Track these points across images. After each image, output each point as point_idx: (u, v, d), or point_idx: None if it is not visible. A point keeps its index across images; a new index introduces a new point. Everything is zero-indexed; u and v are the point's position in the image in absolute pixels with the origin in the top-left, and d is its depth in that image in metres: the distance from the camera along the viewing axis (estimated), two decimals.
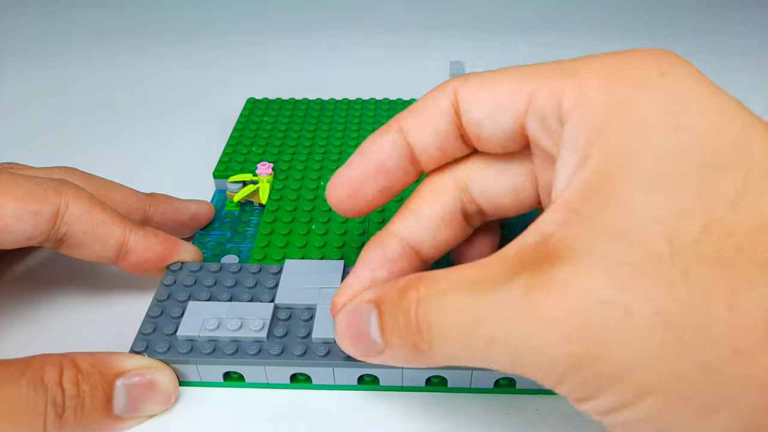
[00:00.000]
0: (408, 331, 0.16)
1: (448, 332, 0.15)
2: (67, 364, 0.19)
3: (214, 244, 0.28)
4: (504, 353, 0.14)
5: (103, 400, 0.20)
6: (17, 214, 0.21)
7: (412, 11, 0.63)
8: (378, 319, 0.17)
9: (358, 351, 0.18)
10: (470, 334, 0.15)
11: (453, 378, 0.22)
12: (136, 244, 0.24)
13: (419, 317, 0.16)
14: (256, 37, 0.56)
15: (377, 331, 0.17)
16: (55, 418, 0.18)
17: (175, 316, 0.23)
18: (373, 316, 0.17)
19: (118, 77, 0.48)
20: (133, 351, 0.21)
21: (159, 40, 0.55)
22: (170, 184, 0.32)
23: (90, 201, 0.23)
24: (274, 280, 0.24)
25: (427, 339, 0.16)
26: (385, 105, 0.38)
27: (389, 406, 0.22)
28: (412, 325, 0.16)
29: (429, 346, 0.16)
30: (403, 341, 0.17)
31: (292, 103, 0.38)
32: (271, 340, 0.22)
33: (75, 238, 0.23)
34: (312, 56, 0.52)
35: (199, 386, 0.22)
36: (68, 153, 0.35)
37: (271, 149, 0.34)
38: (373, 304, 0.18)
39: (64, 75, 0.48)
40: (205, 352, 0.21)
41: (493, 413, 0.22)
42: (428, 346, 0.16)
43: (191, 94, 0.46)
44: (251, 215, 0.30)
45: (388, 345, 0.17)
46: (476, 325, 0.15)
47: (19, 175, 0.22)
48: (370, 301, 0.18)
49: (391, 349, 0.17)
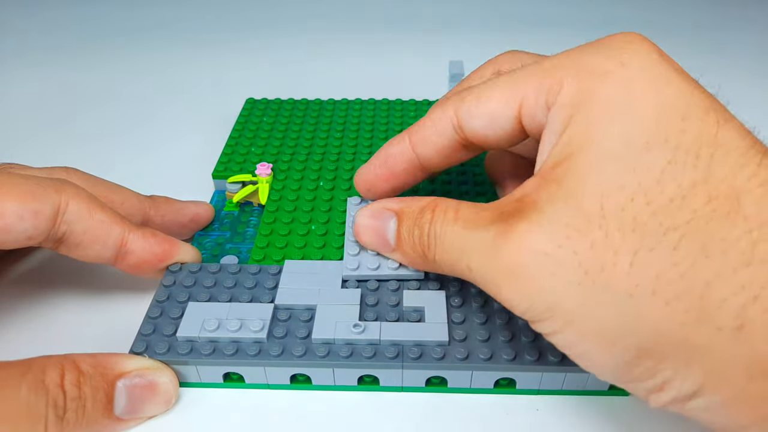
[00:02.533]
0: (419, 242, 0.21)
1: (446, 251, 0.20)
2: (68, 365, 0.19)
3: (213, 245, 0.29)
4: (478, 279, 0.19)
5: (104, 402, 0.20)
6: (18, 214, 0.21)
7: (411, 11, 0.63)
8: (396, 225, 0.22)
9: (371, 243, 0.23)
10: (458, 259, 0.19)
11: (453, 378, 0.22)
12: (135, 244, 0.24)
13: (429, 234, 0.20)
14: (255, 37, 0.56)
15: (393, 234, 0.22)
16: (56, 421, 0.18)
17: (174, 317, 0.23)
18: (392, 222, 0.22)
19: (116, 77, 0.48)
20: (133, 352, 0.21)
21: (158, 41, 0.55)
22: (169, 184, 0.32)
23: (90, 200, 0.23)
24: (274, 280, 0.24)
25: (433, 251, 0.20)
26: (384, 105, 0.38)
27: (389, 406, 0.22)
28: (423, 238, 0.21)
29: (434, 256, 0.20)
30: (413, 249, 0.21)
31: (292, 103, 0.38)
32: (270, 341, 0.22)
33: (74, 238, 0.23)
34: (311, 56, 0.52)
35: (198, 387, 0.22)
36: (67, 153, 0.35)
37: (270, 149, 0.34)
38: (394, 213, 0.22)
39: (63, 75, 0.48)
40: (204, 353, 0.21)
41: (493, 413, 0.22)
42: (433, 256, 0.20)
43: (190, 94, 0.46)
44: (250, 216, 0.30)
45: (399, 248, 0.22)
46: (461, 253, 0.19)
47: (19, 175, 0.22)
48: (393, 210, 0.22)
49: (401, 252, 0.22)
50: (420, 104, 0.38)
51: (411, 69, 0.49)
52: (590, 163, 0.17)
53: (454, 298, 0.23)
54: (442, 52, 0.51)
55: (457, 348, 0.21)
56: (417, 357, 0.21)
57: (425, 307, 0.23)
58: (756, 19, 0.60)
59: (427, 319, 0.22)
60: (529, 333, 0.22)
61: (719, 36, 0.55)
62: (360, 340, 0.22)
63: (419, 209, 0.21)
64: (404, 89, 0.43)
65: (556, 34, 0.56)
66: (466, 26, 0.59)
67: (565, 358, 0.21)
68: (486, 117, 0.21)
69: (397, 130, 0.35)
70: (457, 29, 0.58)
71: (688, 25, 0.58)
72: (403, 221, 0.22)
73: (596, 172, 0.17)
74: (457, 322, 0.22)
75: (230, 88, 0.46)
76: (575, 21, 0.59)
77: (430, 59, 0.50)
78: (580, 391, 0.22)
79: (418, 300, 0.23)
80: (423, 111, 0.37)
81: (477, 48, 0.53)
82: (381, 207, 0.23)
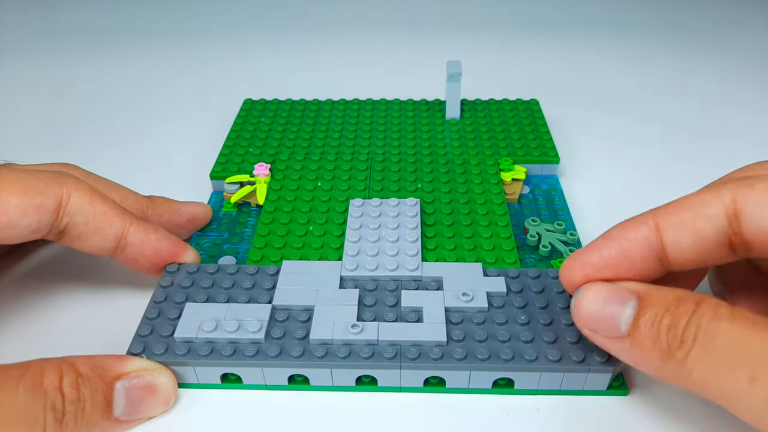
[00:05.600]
0: (669, 335, 0.17)
1: (710, 353, 0.16)
2: (67, 368, 0.19)
3: (211, 246, 0.28)
4: (762, 396, 0.15)
5: (103, 404, 0.20)
6: (21, 209, 0.21)
7: (410, 12, 0.63)
8: (635, 309, 0.18)
9: (592, 327, 0.19)
10: (733, 365, 0.15)
11: (451, 378, 0.22)
12: (135, 237, 0.24)
13: (688, 327, 0.16)
14: (252, 37, 0.56)
15: (628, 320, 0.18)
16: (55, 423, 0.18)
17: (172, 318, 0.23)
18: (631, 305, 0.18)
19: (114, 78, 0.48)
20: (130, 353, 0.21)
21: (155, 42, 0.55)
22: (167, 184, 0.32)
23: (91, 192, 0.23)
24: (272, 281, 0.24)
25: (686, 349, 0.16)
26: (383, 105, 0.38)
27: (387, 407, 0.22)
28: (677, 330, 0.17)
29: (685, 356, 0.16)
30: (654, 343, 0.17)
31: (289, 103, 0.38)
32: (268, 342, 0.22)
33: (76, 230, 0.23)
34: (309, 57, 0.52)
35: (196, 388, 0.22)
36: (66, 154, 0.35)
37: (268, 150, 0.34)
38: (635, 295, 0.18)
39: (62, 76, 0.48)
40: (202, 353, 0.21)
41: (492, 413, 0.22)
42: (684, 356, 0.16)
43: (188, 94, 0.46)
44: (248, 216, 0.30)
45: (633, 338, 0.18)
46: (743, 359, 0.15)
47: (20, 170, 0.23)
48: (633, 292, 0.18)
49: (633, 341, 0.18)
50: (418, 104, 0.38)
51: (409, 69, 0.49)
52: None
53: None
54: (442, 52, 0.51)
55: (455, 348, 0.21)
56: (415, 357, 0.21)
57: (423, 308, 0.23)
58: (756, 19, 0.60)
59: (425, 319, 0.22)
60: (526, 333, 0.22)
61: (719, 37, 0.55)
62: (358, 341, 0.22)
63: (675, 297, 0.17)
64: (403, 89, 0.43)
65: (556, 34, 0.56)
66: (465, 26, 0.59)
67: (563, 358, 0.21)
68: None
69: (395, 130, 0.35)
70: (456, 29, 0.58)
71: (689, 26, 0.58)
72: (647, 306, 0.18)
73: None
74: (455, 323, 0.22)
75: (228, 89, 0.46)
76: (575, 21, 0.59)
77: (429, 59, 0.50)
78: (579, 391, 0.22)
79: (416, 300, 0.23)
80: (421, 110, 0.37)
81: (477, 48, 0.53)
82: (616, 286, 0.19)
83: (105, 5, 0.63)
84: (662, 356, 0.17)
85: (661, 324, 0.17)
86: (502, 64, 0.50)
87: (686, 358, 0.16)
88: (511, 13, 0.61)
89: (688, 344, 0.16)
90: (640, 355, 0.18)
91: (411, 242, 0.26)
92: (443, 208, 0.29)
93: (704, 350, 0.16)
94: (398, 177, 0.31)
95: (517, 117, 0.37)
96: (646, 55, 0.51)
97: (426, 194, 0.30)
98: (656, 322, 0.17)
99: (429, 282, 0.24)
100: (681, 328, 0.17)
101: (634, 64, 0.50)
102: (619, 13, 0.61)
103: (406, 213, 0.28)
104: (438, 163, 0.32)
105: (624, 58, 0.51)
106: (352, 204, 0.28)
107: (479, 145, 0.34)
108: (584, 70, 0.49)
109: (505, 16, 0.61)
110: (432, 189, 0.30)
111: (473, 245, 0.27)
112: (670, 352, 0.17)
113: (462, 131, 0.36)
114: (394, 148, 0.34)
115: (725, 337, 0.16)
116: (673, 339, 0.17)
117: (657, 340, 0.17)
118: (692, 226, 0.18)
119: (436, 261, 0.26)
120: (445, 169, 0.32)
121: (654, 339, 0.17)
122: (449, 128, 0.36)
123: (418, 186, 0.30)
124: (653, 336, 0.17)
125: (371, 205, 0.28)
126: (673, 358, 0.17)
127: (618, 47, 0.53)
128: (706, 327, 0.16)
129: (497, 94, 0.41)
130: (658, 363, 0.17)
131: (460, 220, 0.28)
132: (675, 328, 0.17)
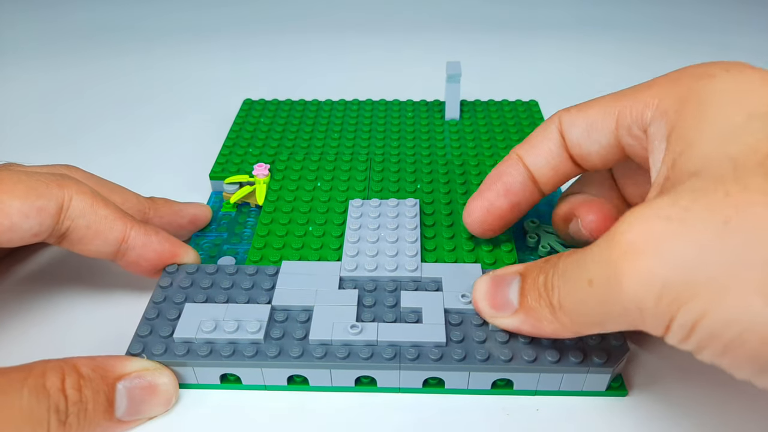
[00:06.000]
0: (545, 287, 0.19)
1: (567, 281, 0.18)
2: (69, 369, 0.19)
3: (210, 246, 0.28)
4: (599, 295, 0.17)
5: (105, 404, 0.20)
6: (23, 212, 0.21)
7: (410, 12, 0.63)
8: (520, 283, 0.20)
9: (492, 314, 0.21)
10: (578, 278, 0.17)
11: (450, 379, 0.22)
12: (136, 240, 0.24)
13: (553, 274, 0.19)
14: (252, 37, 0.56)
15: (516, 295, 0.20)
16: (59, 425, 0.18)
17: (171, 318, 0.23)
18: (516, 281, 0.21)
19: (113, 79, 0.48)
20: (130, 353, 0.21)
21: (155, 42, 0.55)
22: (167, 185, 0.32)
23: (93, 196, 0.23)
24: (271, 281, 0.24)
25: (557, 292, 0.18)
26: (382, 106, 0.38)
27: (386, 407, 0.22)
28: (548, 281, 0.19)
29: (558, 299, 0.18)
30: (539, 301, 0.19)
31: (289, 104, 0.38)
32: (268, 342, 0.22)
33: (77, 233, 0.23)
34: (308, 57, 0.52)
35: (196, 388, 0.22)
36: (67, 154, 0.35)
37: (267, 150, 0.34)
38: (517, 273, 0.21)
39: (62, 76, 0.48)
40: (201, 354, 0.21)
41: (491, 414, 0.22)
42: (558, 300, 0.18)
43: (187, 95, 0.46)
44: (248, 216, 0.30)
45: (525, 307, 0.20)
46: (581, 272, 0.17)
47: (21, 172, 0.22)
48: (515, 272, 0.21)
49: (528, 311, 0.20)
50: (417, 105, 0.38)
51: (409, 69, 0.49)
52: (716, 138, 0.16)
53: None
54: (441, 53, 0.51)
55: (455, 349, 0.21)
56: (414, 358, 0.21)
57: (422, 308, 0.23)
58: (756, 19, 0.60)
59: (424, 320, 0.22)
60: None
61: (719, 37, 0.55)
62: (357, 341, 0.22)
63: (544, 260, 0.20)
64: (401, 90, 0.43)
65: (556, 35, 0.56)
66: (465, 27, 0.59)
67: (562, 359, 0.21)
68: (584, 126, 0.21)
69: (394, 131, 0.35)
70: (455, 30, 0.58)
71: (689, 26, 0.58)
72: (527, 275, 0.20)
73: (723, 144, 0.16)
74: (454, 323, 0.22)
75: (227, 89, 0.46)
76: (575, 22, 0.59)
77: (429, 60, 0.50)
78: (578, 392, 0.22)
79: (415, 301, 0.23)
80: (420, 111, 0.38)
81: (477, 49, 0.53)
82: (503, 270, 0.22)
83: (105, 6, 0.63)
84: (550, 309, 0.19)
85: (538, 281, 0.19)
86: (502, 65, 0.50)
87: (559, 301, 0.18)
88: (511, 14, 0.61)
89: (557, 288, 0.18)
90: (536, 318, 0.20)
91: (410, 243, 0.26)
92: (442, 209, 0.29)
93: (564, 282, 0.18)
94: (397, 177, 0.31)
95: (517, 118, 0.37)
96: (646, 56, 0.51)
97: (425, 195, 0.30)
98: (535, 283, 0.20)
99: (428, 283, 0.24)
100: (549, 277, 0.19)
101: (634, 65, 0.50)
102: (619, 14, 0.61)
103: (406, 214, 0.28)
104: (437, 164, 0.32)
105: (624, 59, 0.51)
106: (351, 204, 0.28)
107: (479, 146, 0.34)
108: (584, 71, 0.49)
109: (505, 16, 0.61)
110: (431, 190, 0.30)
111: (472, 246, 0.27)
112: (550, 302, 0.19)
113: (461, 132, 0.36)
114: (394, 149, 0.34)
115: (572, 266, 0.18)
116: (548, 288, 0.19)
117: (540, 298, 0.19)
118: (542, 147, 0.23)
119: (436, 262, 0.26)
120: (445, 169, 0.32)
121: (538, 298, 0.19)
122: (449, 129, 0.36)
123: (417, 187, 0.30)
124: (537, 296, 0.19)
125: (370, 205, 0.28)
126: (553, 307, 0.19)
127: (618, 48, 0.53)
128: (562, 265, 0.18)
129: (497, 95, 0.42)
130: (550, 317, 0.19)
131: (460, 221, 0.28)
132: (546, 279, 0.19)
